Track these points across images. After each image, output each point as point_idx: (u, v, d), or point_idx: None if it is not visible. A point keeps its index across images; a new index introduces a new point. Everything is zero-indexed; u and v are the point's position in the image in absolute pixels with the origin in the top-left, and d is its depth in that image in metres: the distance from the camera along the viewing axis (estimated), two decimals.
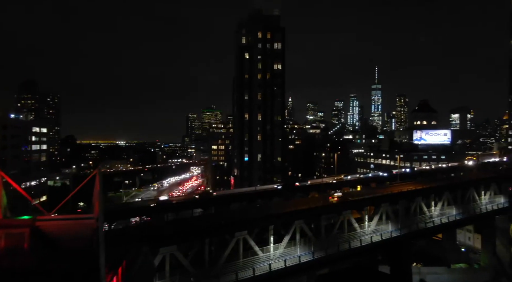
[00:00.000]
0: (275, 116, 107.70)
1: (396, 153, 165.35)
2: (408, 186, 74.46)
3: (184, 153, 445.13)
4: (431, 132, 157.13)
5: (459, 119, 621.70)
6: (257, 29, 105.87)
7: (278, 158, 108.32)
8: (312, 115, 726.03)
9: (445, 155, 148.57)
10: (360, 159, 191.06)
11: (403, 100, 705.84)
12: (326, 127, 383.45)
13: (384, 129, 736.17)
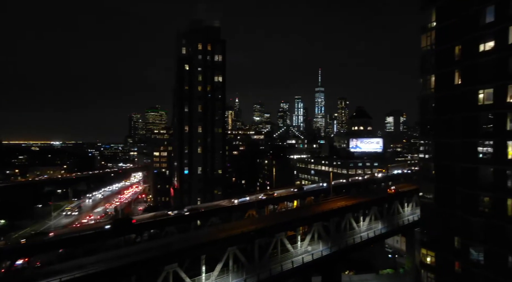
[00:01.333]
0: (216, 129, 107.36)
1: (334, 159, 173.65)
2: (340, 202, 78.53)
3: (126, 156, 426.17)
4: (366, 141, 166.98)
5: (393, 122, 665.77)
6: (197, 41, 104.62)
7: (219, 170, 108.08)
8: (259, 116, 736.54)
9: (377, 161, 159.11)
10: (302, 165, 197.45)
11: (344, 103, 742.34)
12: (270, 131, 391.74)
13: (326, 130, 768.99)
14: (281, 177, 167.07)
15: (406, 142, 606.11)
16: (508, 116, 33.74)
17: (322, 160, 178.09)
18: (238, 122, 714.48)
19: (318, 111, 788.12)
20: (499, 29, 34.76)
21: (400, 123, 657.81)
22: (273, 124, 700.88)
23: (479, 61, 36.90)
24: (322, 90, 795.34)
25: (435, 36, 43.20)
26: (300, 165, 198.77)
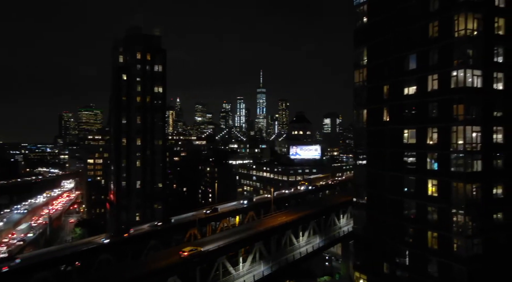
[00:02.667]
0: (156, 141, 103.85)
1: (275, 166, 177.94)
2: (281, 217, 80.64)
3: (55, 160, 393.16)
4: (305, 148, 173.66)
5: (330, 124, 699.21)
6: (136, 49, 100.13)
7: (159, 184, 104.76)
8: (200, 116, 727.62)
9: (316, 168, 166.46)
10: (244, 171, 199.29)
11: (284, 105, 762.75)
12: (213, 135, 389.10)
13: (268, 131, 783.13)
14: (224, 184, 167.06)
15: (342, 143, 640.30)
16: (428, 156, 37.38)
17: (264, 166, 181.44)
18: (180, 122, 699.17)
19: (260, 112, 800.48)
20: (420, 77, 38.35)
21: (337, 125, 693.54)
22: (216, 125, 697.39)
23: (404, 103, 40.39)
24: (263, 91, 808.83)
25: (366, 74, 46.34)
26: (242, 171, 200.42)
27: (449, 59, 35.42)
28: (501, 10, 35.98)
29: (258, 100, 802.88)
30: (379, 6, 44.24)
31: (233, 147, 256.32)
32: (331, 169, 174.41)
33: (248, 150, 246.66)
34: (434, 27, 37.12)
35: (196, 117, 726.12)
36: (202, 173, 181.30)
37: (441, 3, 36.48)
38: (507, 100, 36.31)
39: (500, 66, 36.04)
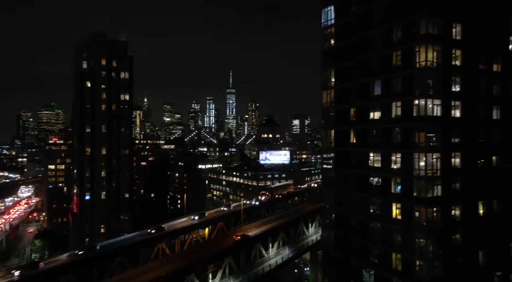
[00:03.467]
0: (123, 150, 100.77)
1: (245, 170, 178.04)
2: (251, 228, 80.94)
3: (13, 163, 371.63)
4: (274, 153, 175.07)
5: (299, 125, 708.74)
6: (101, 56, 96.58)
7: (126, 194, 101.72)
8: (169, 117, 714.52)
9: (285, 173, 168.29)
10: (214, 175, 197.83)
11: (254, 105, 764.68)
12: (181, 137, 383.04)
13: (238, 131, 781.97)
14: (193, 189, 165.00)
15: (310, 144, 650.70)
16: (392, 180, 38.76)
17: (234, 171, 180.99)
18: (147, 123, 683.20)
19: (230, 112, 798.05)
20: (384, 103, 39.69)
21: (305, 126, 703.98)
22: (185, 126, 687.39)
23: (369, 127, 41.64)
24: (233, 92, 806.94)
25: (334, 95, 47.35)
26: (212, 176, 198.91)
27: (411, 88, 36.90)
28: (458, 42, 37.93)
29: (227, 101, 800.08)
30: (346, 31, 45.32)
31: (203, 150, 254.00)
32: (299, 173, 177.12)
33: (217, 153, 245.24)
34: (397, 56, 38.53)
35: (165, 117, 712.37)
36: (171, 179, 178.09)
37: (403, 34, 37.93)
38: (464, 127, 38.34)
39: (457, 95, 38.01)
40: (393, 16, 38.87)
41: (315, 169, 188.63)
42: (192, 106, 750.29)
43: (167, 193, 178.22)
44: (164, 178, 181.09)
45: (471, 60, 38.91)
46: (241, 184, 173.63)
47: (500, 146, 41.04)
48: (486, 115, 40.19)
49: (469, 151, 38.41)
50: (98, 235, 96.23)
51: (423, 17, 35.94)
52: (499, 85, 41.19)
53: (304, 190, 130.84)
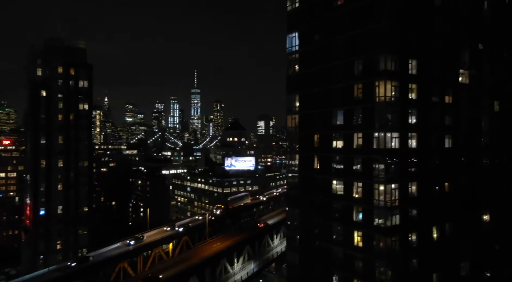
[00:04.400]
0: (81, 162, 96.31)
1: (210, 176, 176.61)
2: (216, 243, 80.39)
3: None
4: (240, 159, 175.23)
5: (264, 126, 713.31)
6: (58, 63, 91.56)
7: (84, 208, 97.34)
8: (131, 117, 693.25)
9: (251, 179, 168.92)
10: (178, 181, 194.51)
11: (219, 106, 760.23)
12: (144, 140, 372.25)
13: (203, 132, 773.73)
14: (156, 197, 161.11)
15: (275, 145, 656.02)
16: (354, 208, 40.11)
17: (198, 177, 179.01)
18: (108, 123, 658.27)
19: (194, 113, 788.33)
20: (346, 133, 40.97)
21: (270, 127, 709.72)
22: (148, 126, 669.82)
23: (332, 155, 42.80)
24: (198, 92, 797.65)
25: (298, 121, 48.19)
26: (176, 181, 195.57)
27: (372, 121, 38.37)
28: (414, 76, 39.94)
29: (192, 101, 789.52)
30: (310, 59, 46.28)
31: (167, 154, 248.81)
32: (265, 179, 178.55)
33: (182, 158, 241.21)
34: (358, 88, 39.93)
35: (127, 117, 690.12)
36: (133, 186, 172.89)
37: (364, 68, 39.38)
38: (419, 157, 40.44)
39: (413, 127, 40.00)
40: (354, 51, 40.21)
41: (280, 174, 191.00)
42: (156, 106, 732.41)
43: (129, 200, 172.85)
44: (126, 185, 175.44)
45: (426, 93, 41.11)
46: (206, 190, 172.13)
47: (452, 172, 43.68)
48: (439, 144, 42.62)
49: (424, 179, 40.56)
50: (54, 251, 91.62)
51: (382, 53, 37.49)
52: (451, 116, 43.83)
53: (269, 199, 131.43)
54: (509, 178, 54.17)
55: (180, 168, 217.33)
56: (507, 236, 52.63)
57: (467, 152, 46.08)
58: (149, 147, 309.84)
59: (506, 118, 53.32)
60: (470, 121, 46.96)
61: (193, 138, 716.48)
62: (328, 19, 43.47)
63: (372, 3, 38.36)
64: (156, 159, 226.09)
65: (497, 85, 51.46)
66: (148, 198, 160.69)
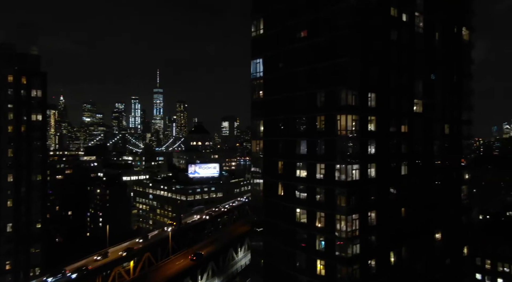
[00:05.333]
0: (34, 176, 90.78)
1: (173, 183, 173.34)
2: (179, 260, 78.99)
3: None
4: (204, 166, 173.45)
5: (228, 127, 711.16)
6: (8, 71, 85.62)
7: (37, 225, 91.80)
8: (89, 117, 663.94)
9: (215, 186, 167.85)
10: (140, 188, 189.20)
11: (183, 106, 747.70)
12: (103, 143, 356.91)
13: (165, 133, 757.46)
14: (116, 205, 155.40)
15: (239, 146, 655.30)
16: (317, 238, 41.00)
17: (161, 184, 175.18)
18: (64, 123, 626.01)
19: (157, 113, 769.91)
20: (310, 163, 41.80)
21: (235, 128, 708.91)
22: (107, 127, 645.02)
23: (296, 184, 43.48)
24: (160, 92, 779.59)
25: (263, 146, 48.49)
26: (138, 188, 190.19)
27: (333, 153, 39.42)
28: (373, 109, 41.53)
29: (154, 101, 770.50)
30: (274, 86, 46.73)
31: (128, 159, 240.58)
32: (229, 185, 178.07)
33: (144, 162, 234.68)
34: (321, 120, 40.88)
35: (84, 117, 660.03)
36: (92, 194, 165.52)
37: (326, 101, 40.38)
38: (378, 187, 42.13)
39: (373, 157, 41.60)
40: (317, 83, 41.11)
41: (244, 180, 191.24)
42: (116, 106, 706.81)
43: (87, 209, 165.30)
44: (83, 193, 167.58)
45: (384, 124, 42.89)
46: (169, 198, 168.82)
47: (407, 198, 45.94)
48: (396, 172, 44.67)
49: (383, 207, 42.31)
50: (3, 272, 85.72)
51: (343, 88, 38.64)
52: (406, 144, 46.07)
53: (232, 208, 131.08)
54: (457, 194, 58.09)
55: (142, 173, 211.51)
56: (456, 249, 56.41)
57: (421, 176, 48.64)
58: (109, 150, 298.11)
59: (456, 139, 57.11)
60: (424, 147, 49.71)
61: (155, 139, 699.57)
62: (292, 49, 44.10)
63: (333, 39, 39.40)
64: (116, 164, 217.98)
65: (447, 109, 54.94)
66: (108, 207, 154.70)
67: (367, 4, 40.57)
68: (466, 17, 59.15)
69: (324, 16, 40.41)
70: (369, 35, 41.06)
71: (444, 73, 53.98)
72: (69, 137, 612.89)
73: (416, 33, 47.41)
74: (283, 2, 45.24)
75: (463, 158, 61.72)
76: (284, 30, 45.10)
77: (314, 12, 41.52)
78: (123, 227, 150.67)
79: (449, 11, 54.27)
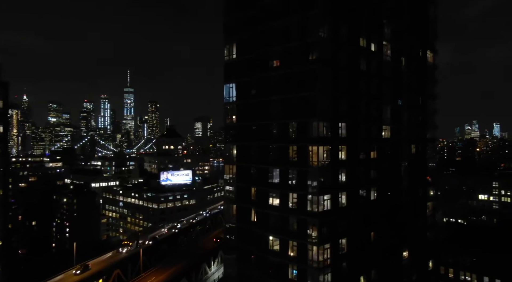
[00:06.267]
0: None
1: (144, 191, 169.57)
2: (151, 279, 77.52)
3: None
4: (176, 173, 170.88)
5: (201, 127, 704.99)
6: None
7: None
8: (55, 116, 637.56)
9: (187, 193, 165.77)
10: (109, 195, 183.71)
11: (154, 106, 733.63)
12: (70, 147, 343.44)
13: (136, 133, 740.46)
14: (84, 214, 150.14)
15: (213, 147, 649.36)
16: (290, 266, 41.48)
17: (132, 192, 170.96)
18: (27, 123, 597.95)
19: (128, 113, 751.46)
20: (282, 192, 42.19)
21: (208, 128, 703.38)
22: (75, 127, 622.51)
23: (269, 212, 43.76)
24: (131, 91, 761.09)
25: (236, 171, 48.42)
26: (107, 196, 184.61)
27: (305, 183, 40.00)
28: (343, 139, 42.48)
29: (125, 101, 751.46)
30: (247, 112, 46.76)
31: (96, 164, 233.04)
32: (202, 192, 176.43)
33: (114, 168, 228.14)
34: (293, 150, 41.35)
35: (50, 117, 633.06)
36: (58, 203, 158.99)
37: (298, 131, 40.89)
38: (349, 215, 43.12)
39: (344, 186, 42.55)
40: (289, 113, 41.54)
41: (218, 185, 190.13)
42: (84, 105, 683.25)
43: (53, 219, 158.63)
44: (49, 202, 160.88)
45: (354, 153, 43.97)
46: (140, 205, 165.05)
47: (377, 222, 47.32)
48: (366, 198, 45.90)
49: (353, 234, 43.37)
50: None
51: (315, 120, 39.24)
52: (375, 169, 47.44)
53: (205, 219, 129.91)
54: (423, 212, 60.53)
55: (112, 179, 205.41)
56: (422, 264, 58.78)
57: (390, 199, 50.24)
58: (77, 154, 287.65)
59: (422, 158, 59.42)
60: (392, 170, 51.36)
61: (126, 140, 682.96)
62: (265, 77, 44.28)
63: (304, 72, 39.93)
64: (84, 170, 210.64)
65: (413, 130, 57.02)
66: (75, 217, 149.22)
67: (337, 37, 41.40)
68: (430, 40, 61.63)
69: (296, 48, 40.85)
70: (339, 67, 41.93)
71: (410, 97, 55.97)
72: (33, 138, 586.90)
73: (384, 62, 48.86)
74: (256, 30, 45.33)
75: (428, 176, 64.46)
76: (257, 57, 45.20)
77: (286, 43, 41.88)
78: (91, 236, 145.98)
79: (415, 36, 56.34)
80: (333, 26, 40.77)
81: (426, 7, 60.52)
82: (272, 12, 42.67)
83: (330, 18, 40.12)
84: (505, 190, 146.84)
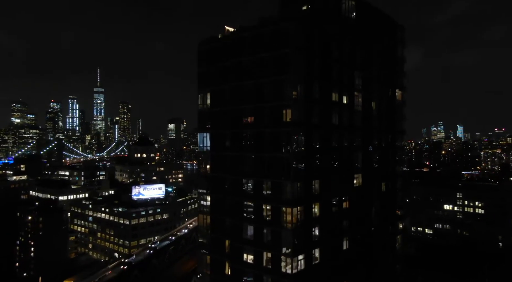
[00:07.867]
0: None
1: (115, 205, 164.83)
2: None
3: None
4: (148, 187, 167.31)
5: (175, 129, 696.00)
6: None
7: None
8: (19, 117, 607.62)
9: (160, 207, 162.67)
10: (78, 209, 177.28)
11: (126, 107, 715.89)
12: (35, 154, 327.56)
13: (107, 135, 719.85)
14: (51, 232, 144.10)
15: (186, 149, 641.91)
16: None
17: (102, 206, 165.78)
18: None
19: (98, 113, 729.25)
20: (256, 250, 42.30)
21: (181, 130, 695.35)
22: (41, 129, 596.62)
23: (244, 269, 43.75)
24: (102, 91, 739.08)
25: (210, 222, 48.06)
26: (76, 210, 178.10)
27: (279, 243, 40.28)
28: (317, 196, 43.12)
29: (95, 101, 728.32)
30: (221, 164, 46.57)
31: (64, 174, 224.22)
32: (176, 206, 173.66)
33: (83, 178, 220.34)
34: (267, 210, 41.52)
35: (14, 118, 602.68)
36: (22, 221, 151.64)
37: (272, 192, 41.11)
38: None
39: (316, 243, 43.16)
40: (262, 172, 41.66)
41: (191, 198, 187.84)
42: (51, 105, 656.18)
43: (17, 238, 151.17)
44: (12, 220, 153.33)
45: (326, 208, 44.72)
46: (111, 221, 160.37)
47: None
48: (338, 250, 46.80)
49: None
50: None
51: (287, 181, 39.59)
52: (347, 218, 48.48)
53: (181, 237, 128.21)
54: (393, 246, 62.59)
55: (81, 191, 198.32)
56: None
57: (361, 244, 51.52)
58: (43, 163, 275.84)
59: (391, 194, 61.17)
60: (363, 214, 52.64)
61: (95, 142, 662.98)
62: (239, 133, 44.19)
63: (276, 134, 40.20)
64: (51, 182, 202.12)
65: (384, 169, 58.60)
66: (41, 235, 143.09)
67: (310, 96, 41.86)
68: (398, 79, 63.47)
69: (270, 108, 41.00)
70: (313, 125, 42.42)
71: (380, 137, 57.34)
72: None
73: (356, 111, 49.92)
74: (230, 85, 45.13)
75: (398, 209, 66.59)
76: (231, 111, 44.99)
77: (259, 102, 41.93)
78: (59, 256, 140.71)
79: (383, 78, 57.59)
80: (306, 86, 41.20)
81: (395, 49, 62.25)
82: (246, 71, 42.60)
83: (302, 80, 40.54)
84: (468, 200, 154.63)
